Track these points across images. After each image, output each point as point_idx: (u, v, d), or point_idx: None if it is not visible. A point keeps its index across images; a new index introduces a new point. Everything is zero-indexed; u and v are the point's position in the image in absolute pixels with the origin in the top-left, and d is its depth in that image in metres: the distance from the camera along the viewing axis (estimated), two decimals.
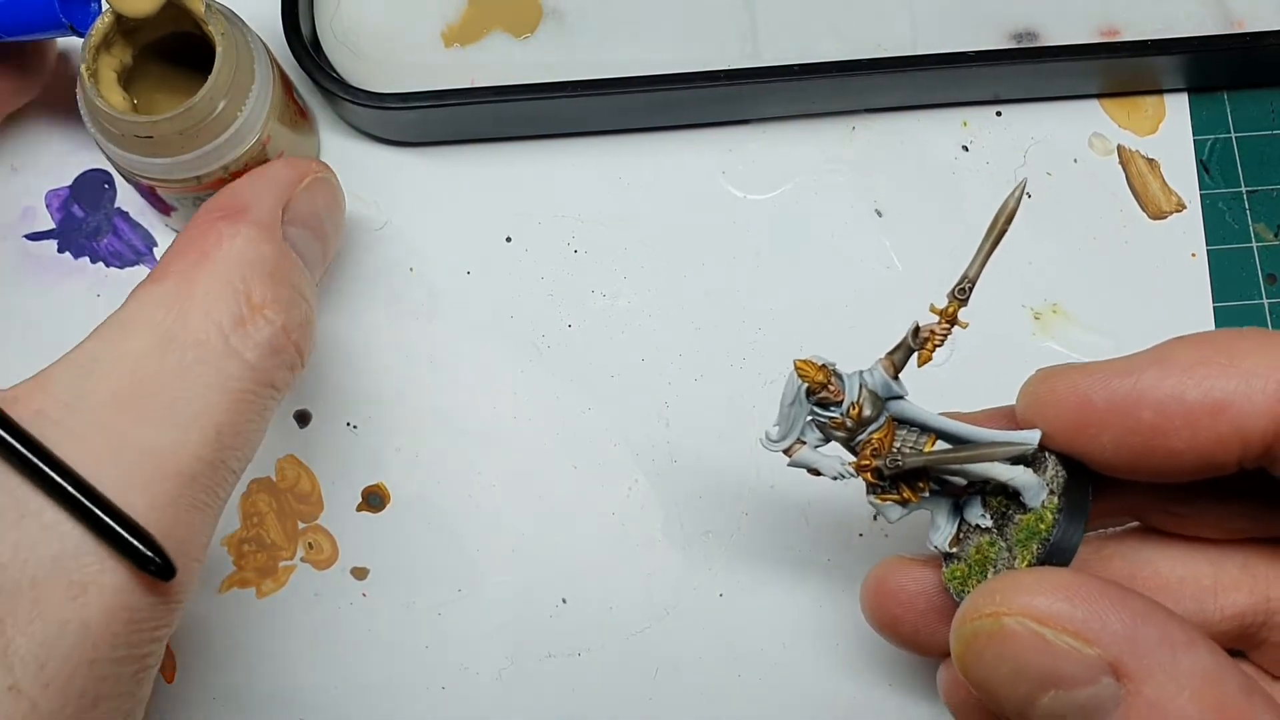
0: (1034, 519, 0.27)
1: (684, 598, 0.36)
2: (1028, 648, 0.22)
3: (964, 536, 0.28)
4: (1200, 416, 0.24)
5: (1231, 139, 0.41)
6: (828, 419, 0.28)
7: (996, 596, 0.23)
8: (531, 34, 0.38)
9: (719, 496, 0.37)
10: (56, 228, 0.39)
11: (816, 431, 0.28)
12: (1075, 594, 0.22)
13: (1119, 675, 0.22)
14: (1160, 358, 0.25)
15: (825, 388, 0.27)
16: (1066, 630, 0.22)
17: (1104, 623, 0.22)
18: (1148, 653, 0.21)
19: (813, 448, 0.28)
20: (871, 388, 0.27)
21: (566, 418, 0.38)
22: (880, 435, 0.27)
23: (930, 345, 0.27)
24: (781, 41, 0.38)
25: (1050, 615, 0.22)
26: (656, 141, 0.40)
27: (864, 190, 0.40)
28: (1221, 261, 0.39)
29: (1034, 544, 0.26)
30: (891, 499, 0.28)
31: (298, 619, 0.36)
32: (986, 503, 0.28)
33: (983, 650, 0.23)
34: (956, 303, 0.27)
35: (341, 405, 0.38)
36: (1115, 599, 0.22)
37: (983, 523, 0.28)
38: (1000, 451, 0.26)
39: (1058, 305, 0.39)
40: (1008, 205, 0.27)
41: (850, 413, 0.27)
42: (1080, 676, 0.22)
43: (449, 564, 0.37)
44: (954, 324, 0.27)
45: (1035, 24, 0.39)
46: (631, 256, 0.39)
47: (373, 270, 0.39)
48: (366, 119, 0.39)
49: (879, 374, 0.27)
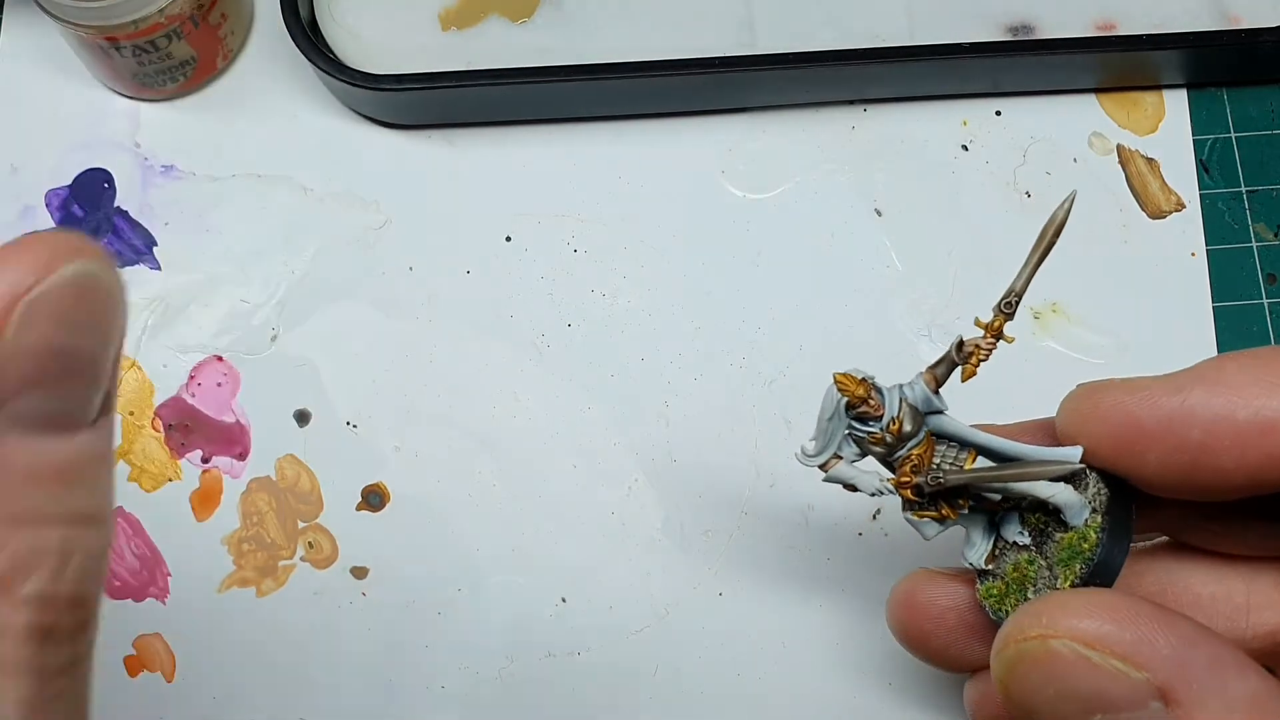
0: (1076, 538, 0.26)
1: (684, 597, 0.36)
2: (1074, 671, 0.22)
3: (1000, 554, 0.28)
4: (1250, 436, 0.24)
5: (1231, 138, 0.41)
6: (866, 434, 0.27)
7: (1043, 619, 0.22)
8: (529, 18, 0.38)
9: (719, 496, 0.37)
10: (56, 227, 0.39)
11: (853, 446, 0.27)
12: (1123, 616, 0.22)
13: (1167, 700, 0.21)
14: (1207, 376, 0.24)
15: (865, 402, 0.26)
16: (1114, 653, 0.22)
17: (1153, 646, 0.21)
18: (1197, 677, 0.21)
19: (849, 463, 0.27)
20: (912, 402, 0.27)
21: (566, 418, 0.38)
22: (920, 451, 0.27)
23: (975, 360, 0.26)
24: (778, 31, 0.38)
25: (1098, 638, 0.22)
26: (655, 131, 0.40)
27: (864, 189, 0.40)
28: (1221, 261, 0.39)
29: (1077, 563, 0.26)
30: (930, 515, 0.28)
31: (298, 618, 0.36)
32: (1024, 519, 0.28)
33: (1028, 673, 0.23)
34: (1003, 317, 0.26)
35: (341, 404, 0.38)
36: (1164, 622, 0.22)
37: (1020, 540, 0.27)
38: (1045, 470, 0.26)
39: (1057, 305, 0.39)
40: (1057, 217, 0.26)
41: (890, 428, 0.26)
42: (1128, 700, 0.21)
43: (449, 564, 0.37)
44: (999, 338, 0.26)
45: (1031, 17, 0.39)
46: (631, 256, 0.39)
47: (372, 270, 0.39)
48: (364, 101, 0.39)
49: (920, 388, 0.27)
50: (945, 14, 0.39)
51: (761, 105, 0.40)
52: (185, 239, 0.39)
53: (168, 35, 0.37)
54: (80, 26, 0.36)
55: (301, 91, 0.40)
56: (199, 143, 0.40)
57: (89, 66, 0.40)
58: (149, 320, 0.38)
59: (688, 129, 0.40)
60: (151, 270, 0.39)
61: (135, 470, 0.37)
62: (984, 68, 0.39)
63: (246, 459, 0.37)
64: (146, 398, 0.38)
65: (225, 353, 0.38)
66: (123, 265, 0.39)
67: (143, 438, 0.37)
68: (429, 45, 0.38)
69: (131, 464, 0.37)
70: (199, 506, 0.37)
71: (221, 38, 0.39)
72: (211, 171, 0.40)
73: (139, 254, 0.39)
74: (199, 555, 0.37)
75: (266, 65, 0.41)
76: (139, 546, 0.37)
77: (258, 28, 0.41)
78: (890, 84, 0.40)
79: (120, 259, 0.39)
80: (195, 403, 0.38)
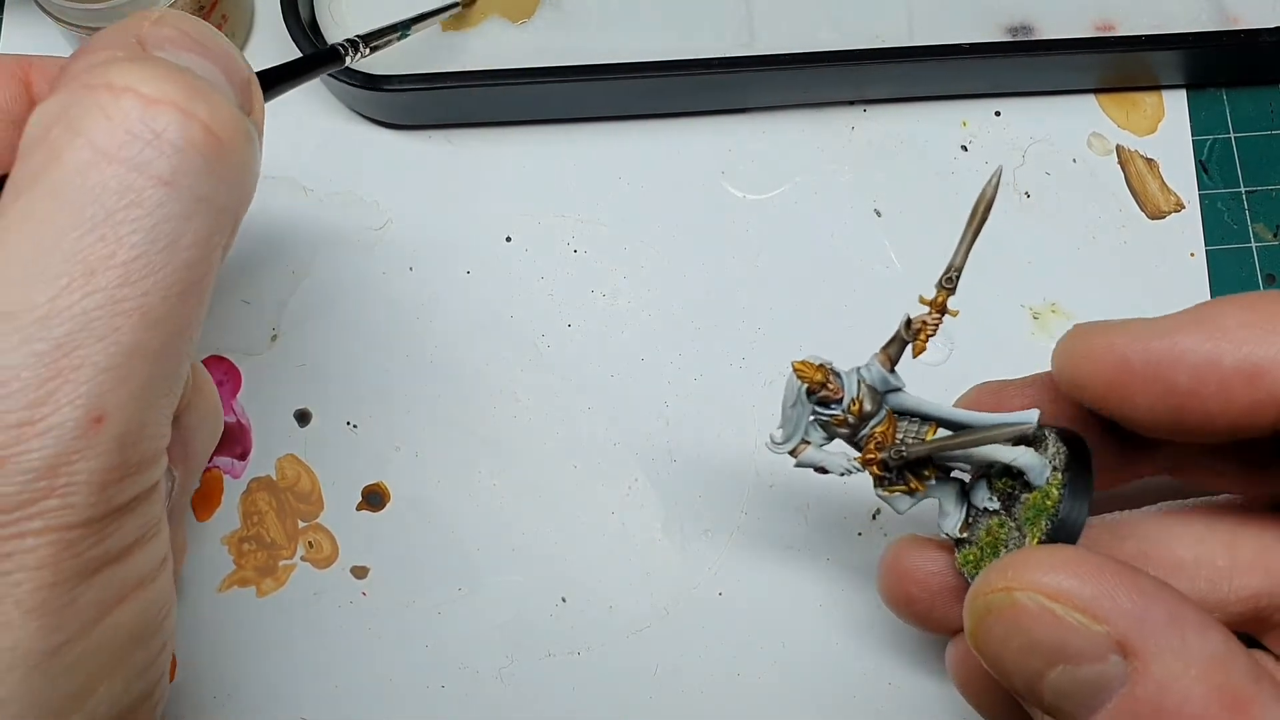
0: (1040, 496, 0.27)
1: (683, 597, 0.37)
2: (1038, 622, 0.23)
3: (973, 521, 0.29)
4: (1236, 382, 0.24)
5: (1230, 139, 0.41)
6: (830, 417, 0.28)
7: (1009, 572, 0.23)
8: (529, 19, 0.39)
9: (719, 496, 0.37)
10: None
11: (820, 431, 0.28)
12: (1086, 572, 0.23)
13: (1126, 653, 0.22)
14: (1201, 319, 0.25)
15: (824, 386, 0.27)
16: (1076, 606, 0.22)
17: (1113, 601, 0.22)
18: (1156, 632, 0.22)
19: (818, 447, 0.29)
20: (870, 383, 0.28)
21: (566, 418, 0.38)
22: (882, 429, 0.28)
23: (923, 335, 0.27)
24: (778, 31, 0.39)
25: (1060, 591, 0.22)
26: (655, 132, 0.40)
27: (863, 190, 0.40)
28: (1220, 261, 0.39)
29: (1043, 519, 0.26)
30: (899, 490, 0.29)
31: (298, 618, 0.36)
32: (992, 485, 0.29)
33: (994, 625, 0.23)
34: (944, 292, 0.27)
35: (341, 404, 0.38)
36: (1126, 578, 0.22)
37: (990, 505, 0.28)
38: (1001, 433, 0.27)
39: (1056, 305, 0.39)
40: (986, 193, 0.27)
41: (851, 408, 0.28)
42: (1088, 652, 0.22)
43: (449, 563, 0.37)
44: (944, 313, 0.27)
45: (1031, 17, 0.39)
46: (631, 256, 0.39)
47: (372, 269, 0.39)
48: (365, 101, 0.39)
49: (876, 369, 0.28)
50: (945, 14, 0.39)
51: (761, 106, 0.40)
52: None
53: None
54: (81, 28, 0.36)
55: (302, 92, 0.40)
56: None
57: None
58: None
59: (688, 129, 0.40)
60: None
61: None
62: (983, 68, 0.39)
63: (247, 459, 0.37)
64: None
65: (226, 353, 0.38)
66: None
67: None
68: (429, 45, 0.38)
69: None
70: (199, 506, 0.37)
71: None
72: None
73: None
74: (199, 555, 0.37)
75: (267, 66, 0.41)
76: None
77: (258, 29, 0.41)
78: (890, 84, 0.40)
79: None
80: None
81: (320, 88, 0.40)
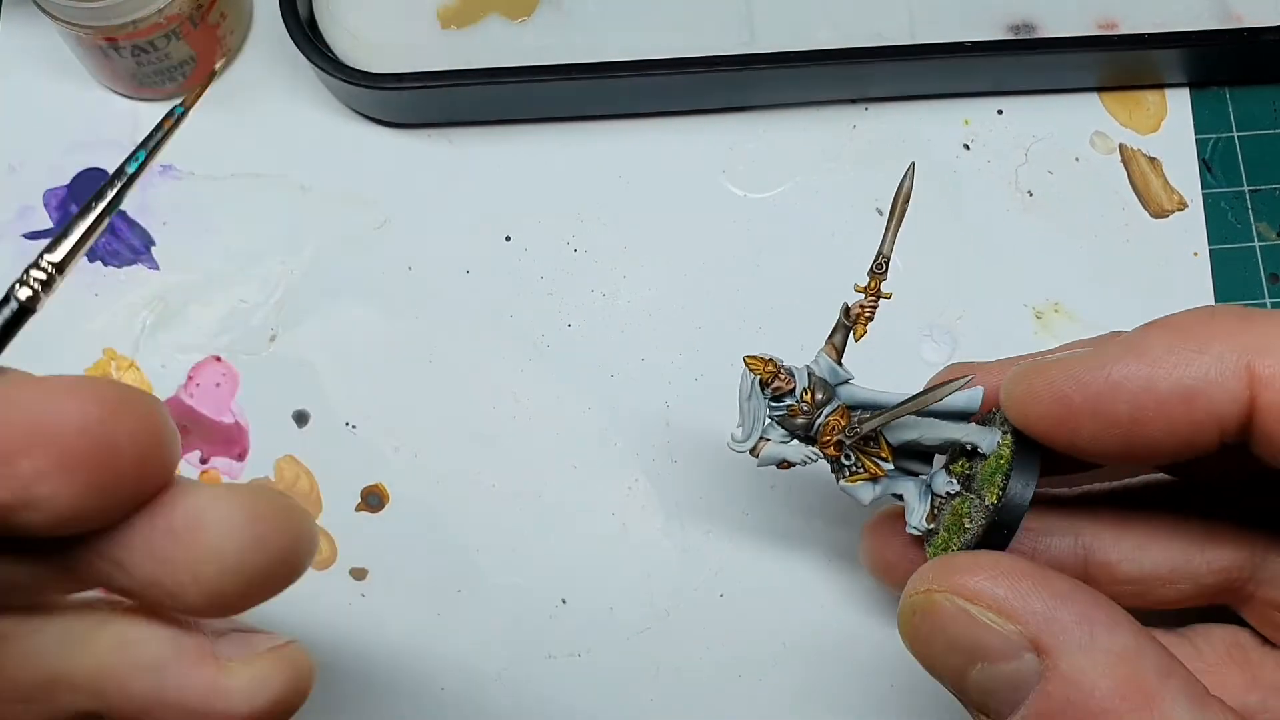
0: (994, 458, 0.28)
1: (684, 598, 0.36)
2: (955, 622, 0.24)
3: (938, 510, 0.29)
4: (1174, 406, 0.24)
5: (1234, 137, 0.40)
6: (785, 409, 0.29)
7: (930, 575, 0.25)
8: (528, 17, 0.38)
9: (719, 496, 0.37)
10: (54, 227, 0.39)
11: (778, 429, 0.29)
12: (1000, 574, 0.24)
13: (1039, 651, 0.23)
14: (1131, 347, 0.25)
15: (776, 377, 0.28)
16: (989, 606, 0.23)
17: (1025, 601, 0.23)
18: (1064, 630, 0.23)
19: (777, 443, 0.29)
20: (820, 374, 0.29)
21: (566, 418, 0.38)
22: (835, 418, 0.29)
23: (862, 320, 0.29)
24: (779, 29, 0.38)
25: (975, 593, 0.24)
26: (655, 130, 0.40)
27: (864, 189, 0.40)
28: (1224, 260, 0.39)
29: (998, 477, 0.27)
30: (861, 478, 0.29)
31: (296, 620, 0.36)
32: (950, 472, 0.29)
33: (919, 625, 0.25)
34: (877, 278, 0.29)
35: (340, 405, 0.38)
36: (1039, 580, 0.23)
37: (951, 489, 0.29)
38: (943, 391, 0.27)
39: (1059, 304, 0.39)
40: (903, 187, 0.29)
41: (804, 397, 0.29)
42: (1003, 651, 0.23)
43: (448, 564, 0.36)
44: (879, 297, 0.29)
45: (1033, 16, 0.39)
46: (631, 255, 0.39)
47: (371, 269, 0.39)
48: (363, 100, 0.39)
49: (824, 360, 0.29)
50: (947, 13, 0.39)
51: (762, 104, 0.40)
52: (184, 239, 0.39)
53: (166, 35, 0.37)
54: (79, 27, 0.36)
55: (300, 91, 0.40)
56: (198, 142, 0.40)
57: (88, 67, 0.39)
58: (147, 320, 0.38)
59: (688, 128, 0.40)
60: (150, 270, 0.39)
61: None
62: (986, 67, 0.39)
63: (245, 460, 0.37)
64: None
65: (224, 353, 0.38)
66: (120, 265, 0.39)
67: None
68: (428, 44, 0.38)
69: None
70: None
71: (220, 37, 0.39)
72: (210, 171, 0.40)
73: (137, 254, 0.39)
74: None
75: (265, 65, 0.41)
76: None
77: (256, 27, 0.41)
78: (891, 83, 0.40)
79: (118, 259, 0.39)
80: (194, 403, 0.38)
81: (319, 86, 0.40)
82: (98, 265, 0.39)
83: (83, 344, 0.38)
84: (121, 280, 0.39)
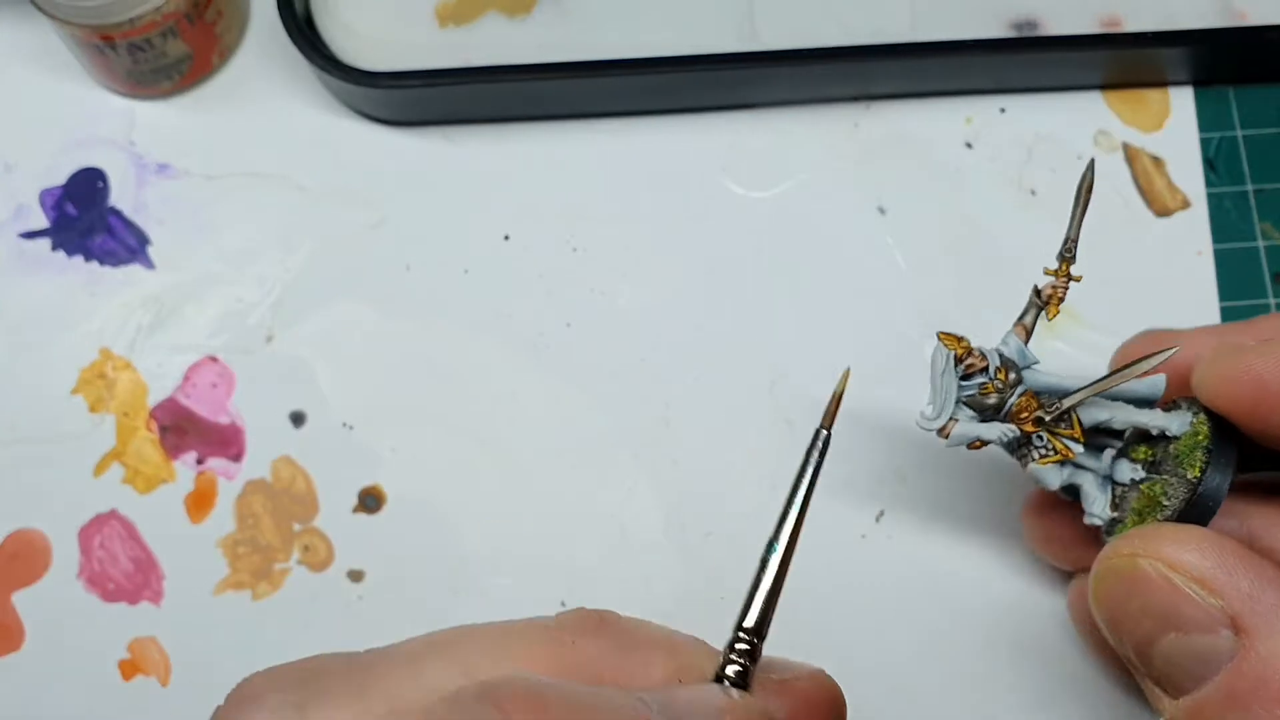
0: (1189, 436, 0.28)
1: (684, 600, 0.36)
2: (1157, 589, 0.24)
3: (1120, 499, 0.29)
4: None
5: (1237, 136, 0.40)
6: (977, 387, 0.29)
7: (1136, 541, 0.25)
8: (527, 14, 0.38)
9: (720, 497, 0.37)
10: (50, 226, 0.39)
11: (965, 410, 0.30)
12: (1208, 548, 0.24)
13: (1237, 630, 0.23)
14: None
15: (970, 354, 0.29)
16: (1194, 578, 0.24)
17: (1231, 578, 0.24)
18: (1267, 613, 0.23)
19: (968, 420, 0.30)
20: (1009, 355, 0.29)
21: (566, 418, 0.37)
22: (1025, 399, 0.29)
23: (1055, 300, 0.30)
24: (780, 27, 0.38)
25: (1181, 563, 0.24)
26: (655, 129, 0.40)
27: (867, 187, 0.39)
28: (1228, 259, 0.39)
29: (1198, 453, 0.27)
30: (1052, 460, 0.29)
31: (294, 622, 0.36)
32: (1134, 459, 0.29)
33: (1116, 585, 0.25)
34: (1067, 261, 0.30)
35: (337, 405, 0.37)
36: (1245, 560, 0.24)
37: (1136, 476, 0.29)
38: (1139, 368, 0.28)
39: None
40: (1086, 178, 0.30)
41: (999, 375, 0.29)
42: (1201, 623, 0.24)
43: (446, 566, 0.36)
44: (1070, 279, 0.30)
45: (1036, 13, 0.39)
46: (631, 255, 0.39)
47: (369, 269, 0.39)
48: (361, 98, 0.39)
49: (1014, 341, 0.30)
50: (949, 10, 0.39)
51: (764, 102, 0.40)
52: (180, 238, 0.39)
53: (163, 33, 0.37)
54: (75, 25, 0.36)
55: (298, 89, 0.40)
56: (194, 141, 0.40)
57: (84, 65, 0.39)
58: (144, 320, 0.38)
59: (689, 126, 0.40)
60: (146, 269, 0.39)
61: (129, 472, 0.37)
62: (988, 64, 0.39)
63: (241, 460, 0.37)
64: (141, 399, 0.37)
65: (220, 353, 0.38)
66: (116, 265, 0.39)
67: (137, 439, 0.37)
68: (426, 41, 0.38)
69: (125, 466, 0.37)
70: (193, 509, 0.37)
71: (217, 35, 0.39)
72: (207, 170, 0.40)
73: (133, 253, 0.39)
74: (194, 558, 0.36)
75: (262, 63, 0.40)
76: (133, 549, 0.36)
77: (253, 25, 0.41)
78: (894, 81, 0.39)
79: (114, 258, 0.39)
80: (190, 404, 0.37)
81: (316, 84, 0.40)
82: (94, 264, 0.39)
83: (78, 344, 0.38)
84: (117, 280, 0.38)
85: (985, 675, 0.35)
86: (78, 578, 0.36)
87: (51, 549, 0.36)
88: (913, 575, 0.36)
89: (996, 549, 0.36)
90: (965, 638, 0.36)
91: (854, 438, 0.37)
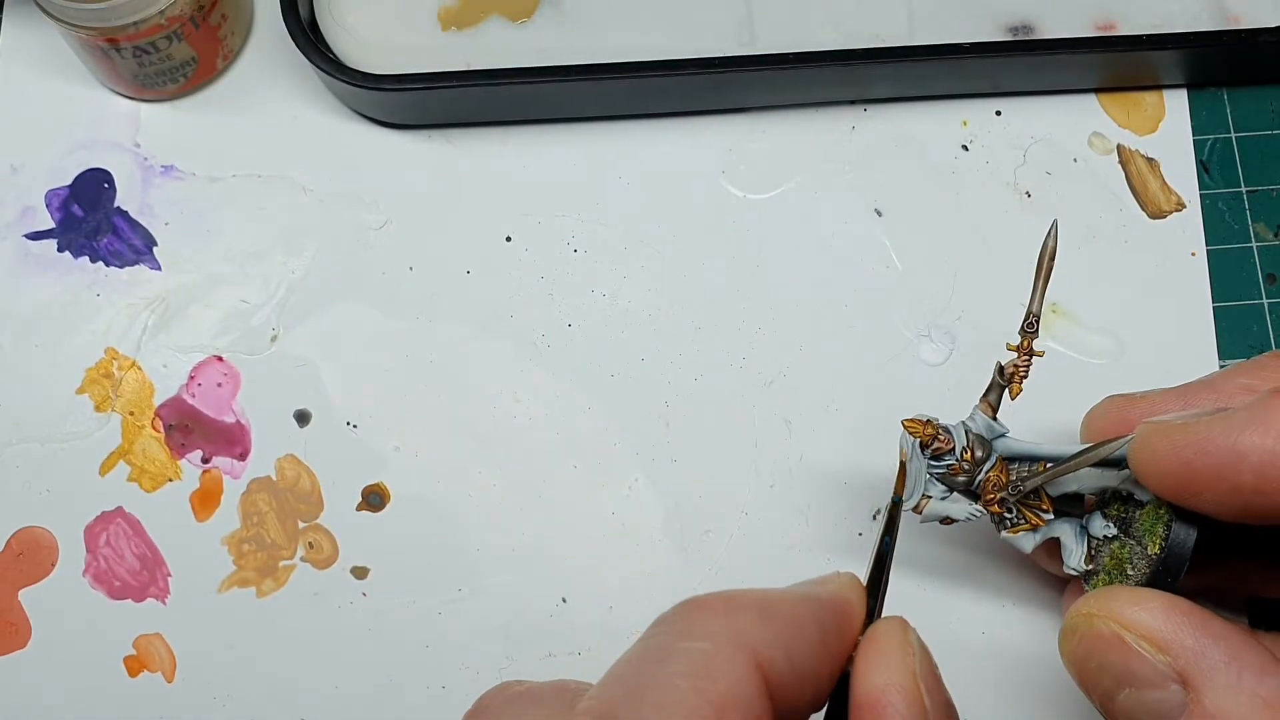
0: (1153, 507, 0.29)
1: (684, 597, 0.36)
2: (1110, 647, 0.26)
3: (1096, 551, 0.31)
4: None
5: (1231, 138, 0.41)
6: (945, 468, 0.30)
7: (1094, 601, 0.26)
8: (529, 19, 0.39)
9: (719, 496, 0.37)
10: (56, 227, 0.39)
11: (938, 485, 0.31)
12: (1158, 609, 0.25)
13: (1186, 685, 0.24)
14: (1258, 417, 0.26)
15: (936, 439, 0.30)
16: (1144, 636, 0.25)
17: (1177, 635, 0.25)
18: (1213, 668, 0.24)
19: (939, 499, 0.31)
20: (977, 431, 0.30)
21: (566, 418, 0.38)
22: (995, 473, 0.30)
23: (1017, 378, 0.30)
24: (778, 30, 0.38)
25: (1133, 622, 0.25)
26: (655, 131, 0.40)
27: (864, 189, 0.40)
28: (1221, 261, 0.39)
29: (1159, 527, 0.28)
30: (1022, 529, 0.31)
31: (298, 619, 0.36)
32: (1106, 516, 0.31)
33: (1077, 644, 0.27)
34: (1029, 337, 0.30)
35: (341, 405, 0.38)
36: (1196, 620, 0.25)
37: (1108, 532, 0.30)
38: (1101, 452, 0.29)
39: (1057, 305, 0.39)
40: (1048, 245, 0.30)
41: (964, 456, 0.30)
42: (1151, 679, 0.25)
43: (449, 564, 0.37)
44: (1031, 355, 0.30)
45: (1031, 17, 0.39)
46: (631, 256, 0.39)
47: (372, 270, 0.39)
48: (364, 101, 0.39)
49: (980, 417, 0.30)
50: (945, 14, 0.39)
51: (762, 105, 0.40)
52: (185, 239, 0.39)
53: (168, 37, 0.37)
54: (80, 28, 0.36)
55: (301, 92, 0.40)
56: (199, 143, 0.40)
57: (89, 67, 0.40)
58: (149, 321, 0.38)
59: (688, 129, 0.40)
60: (152, 270, 0.39)
61: (135, 470, 0.37)
62: (984, 68, 0.39)
63: (247, 459, 0.37)
64: (147, 398, 0.38)
65: (225, 353, 0.38)
66: (122, 265, 0.39)
67: (143, 438, 0.37)
68: (429, 45, 0.38)
69: (132, 464, 0.37)
70: (199, 507, 0.37)
71: (222, 38, 0.39)
72: (212, 172, 0.40)
73: (139, 254, 0.39)
74: (199, 556, 0.37)
75: (267, 66, 0.41)
76: (139, 547, 0.37)
77: (258, 28, 0.41)
78: (890, 84, 0.40)
79: (120, 259, 0.39)
80: (195, 403, 0.38)
81: (320, 87, 0.40)
82: (100, 265, 0.39)
83: (85, 344, 0.38)
84: (123, 280, 0.39)
85: (982, 672, 0.36)
86: (84, 575, 0.36)
87: (58, 547, 0.37)
88: (908, 570, 0.36)
89: (992, 540, 0.36)
90: (962, 631, 0.36)
91: (849, 437, 0.37)
